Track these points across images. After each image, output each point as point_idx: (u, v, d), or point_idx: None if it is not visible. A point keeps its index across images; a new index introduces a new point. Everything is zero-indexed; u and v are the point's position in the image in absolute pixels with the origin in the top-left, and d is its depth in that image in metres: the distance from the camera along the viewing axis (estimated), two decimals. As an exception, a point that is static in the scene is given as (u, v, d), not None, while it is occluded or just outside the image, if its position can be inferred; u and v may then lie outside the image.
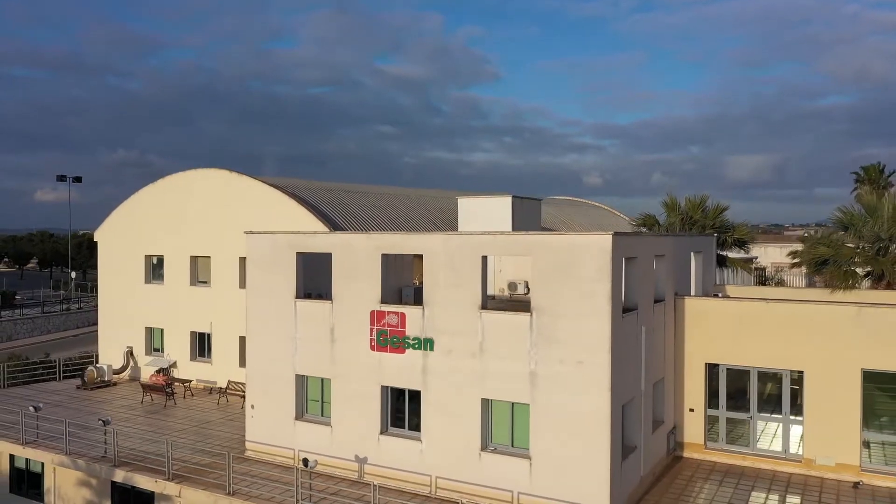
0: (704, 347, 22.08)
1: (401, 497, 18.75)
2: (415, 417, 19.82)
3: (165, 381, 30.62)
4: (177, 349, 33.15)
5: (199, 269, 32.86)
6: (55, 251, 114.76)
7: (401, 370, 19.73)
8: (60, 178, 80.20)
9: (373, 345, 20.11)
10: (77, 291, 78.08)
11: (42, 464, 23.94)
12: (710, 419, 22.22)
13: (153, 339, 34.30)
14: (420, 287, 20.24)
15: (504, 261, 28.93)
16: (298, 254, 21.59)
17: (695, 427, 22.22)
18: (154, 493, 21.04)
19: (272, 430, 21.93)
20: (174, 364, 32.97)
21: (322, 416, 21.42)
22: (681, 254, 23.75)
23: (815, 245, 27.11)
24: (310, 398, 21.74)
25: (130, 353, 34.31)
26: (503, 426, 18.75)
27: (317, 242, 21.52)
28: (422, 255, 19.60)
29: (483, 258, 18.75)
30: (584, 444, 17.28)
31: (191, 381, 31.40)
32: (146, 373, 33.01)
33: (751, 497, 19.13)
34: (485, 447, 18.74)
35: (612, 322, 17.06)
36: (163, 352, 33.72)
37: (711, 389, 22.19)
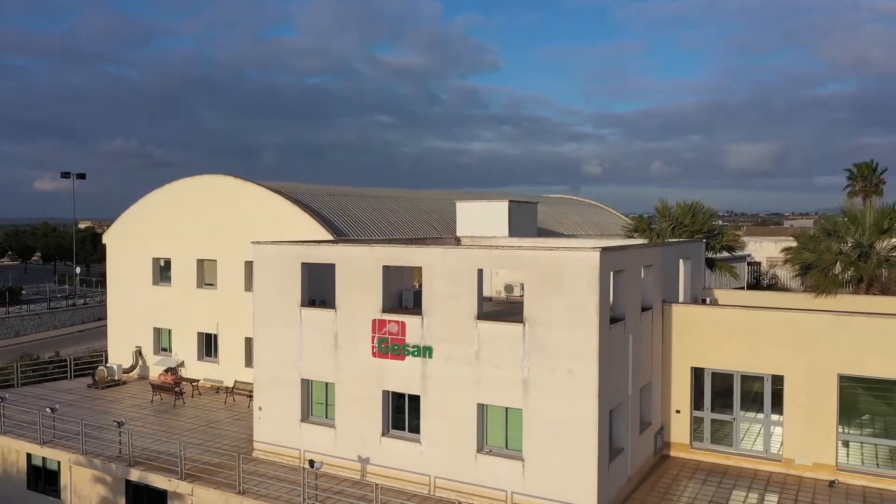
0: (690, 352, 23.14)
1: (401, 496, 19.87)
2: (414, 420, 20.87)
3: (174, 381, 31.71)
4: (184, 349, 34.26)
5: (206, 272, 33.94)
6: (58, 245, 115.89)
7: (401, 376, 20.78)
8: (64, 175, 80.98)
9: (374, 352, 21.16)
10: (82, 287, 79.19)
11: (58, 462, 24.98)
12: (696, 420, 23.31)
13: (161, 339, 35.42)
14: (419, 290, 21.24)
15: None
16: (303, 264, 22.61)
17: (681, 428, 23.32)
18: (167, 492, 22.10)
19: (279, 432, 23.02)
20: (182, 363, 34.08)
21: (326, 418, 22.47)
22: (669, 261, 24.74)
23: (800, 251, 28.18)
24: (314, 401, 22.79)
25: (139, 353, 35.44)
26: (498, 429, 19.83)
27: (321, 253, 22.53)
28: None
29: (479, 271, 19.79)
30: (574, 448, 18.36)
31: (199, 381, 32.53)
32: (154, 372, 34.15)
33: (732, 495, 20.24)
34: (480, 449, 19.83)
35: (600, 333, 18.12)
36: (171, 351, 34.85)
37: (697, 392, 23.25)
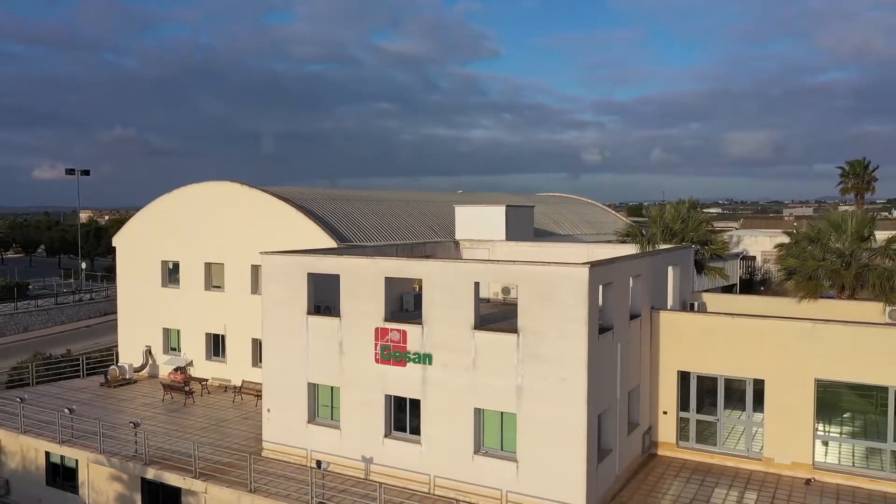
0: (677, 357, 24.38)
1: (403, 495, 21.18)
2: (415, 423, 22.13)
3: (184, 380, 32.99)
4: (193, 349, 35.49)
5: (213, 275, 35.13)
6: (62, 239, 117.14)
7: (402, 381, 22.02)
8: (69, 172, 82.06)
9: (377, 358, 22.39)
10: (88, 282, 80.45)
11: (76, 460, 26.31)
12: (682, 421, 24.59)
13: (170, 340, 36.67)
14: (419, 293, 22.44)
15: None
16: (309, 274, 23.81)
17: (668, 428, 24.60)
18: (181, 490, 23.41)
19: (287, 432, 24.29)
20: (191, 363, 35.34)
21: (332, 420, 23.74)
22: (658, 269, 25.95)
23: (785, 257, 29.37)
24: (321, 404, 24.07)
25: (149, 352, 36.71)
26: (493, 432, 21.10)
27: (326, 264, 23.71)
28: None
29: (476, 284, 20.99)
30: (564, 450, 19.64)
31: (207, 380, 33.82)
32: (164, 371, 35.44)
33: (714, 492, 21.56)
34: (477, 450, 21.10)
35: (589, 343, 19.35)
36: (180, 351, 36.12)
37: (683, 394, 24.53)
